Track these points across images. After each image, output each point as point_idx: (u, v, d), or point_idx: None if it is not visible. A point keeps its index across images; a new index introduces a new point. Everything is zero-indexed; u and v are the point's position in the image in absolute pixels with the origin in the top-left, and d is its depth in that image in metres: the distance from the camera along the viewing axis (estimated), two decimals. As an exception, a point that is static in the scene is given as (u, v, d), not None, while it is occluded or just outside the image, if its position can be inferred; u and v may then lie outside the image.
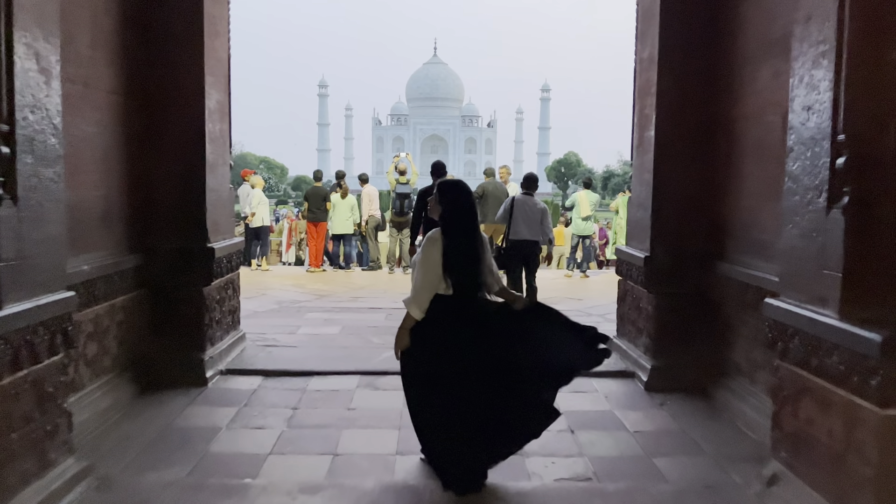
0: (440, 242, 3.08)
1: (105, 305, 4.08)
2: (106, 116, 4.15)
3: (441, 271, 3.05)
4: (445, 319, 3.11)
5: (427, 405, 3.20)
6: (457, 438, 3.10)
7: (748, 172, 4.21)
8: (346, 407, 4.26)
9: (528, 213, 7.01)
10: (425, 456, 3.38)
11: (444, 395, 3.09)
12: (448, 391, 3.08)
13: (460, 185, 3.29)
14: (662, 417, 4.15)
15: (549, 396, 3.28)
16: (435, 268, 3.05)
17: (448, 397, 3.09)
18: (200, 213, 4.72)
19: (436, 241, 3.08)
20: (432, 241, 3.09)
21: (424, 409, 3.23)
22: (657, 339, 4.75)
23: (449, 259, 3.06)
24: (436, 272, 3.05)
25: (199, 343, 4.72)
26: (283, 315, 7.25)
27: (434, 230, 3.15)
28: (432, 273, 3.06)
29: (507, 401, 3.13)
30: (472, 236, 3.16)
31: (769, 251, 3.90)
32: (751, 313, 4.05)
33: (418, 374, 3.20)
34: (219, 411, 4.15)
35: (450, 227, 3.12)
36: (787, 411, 2.94)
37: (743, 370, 4.14)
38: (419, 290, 3.08)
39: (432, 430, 3.24)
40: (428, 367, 3.13)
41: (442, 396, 3.10)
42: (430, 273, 3.06)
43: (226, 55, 5.18)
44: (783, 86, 3.76)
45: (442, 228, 3.13)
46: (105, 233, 4.13)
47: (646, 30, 4.95)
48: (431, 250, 3.07)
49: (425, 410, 3.22)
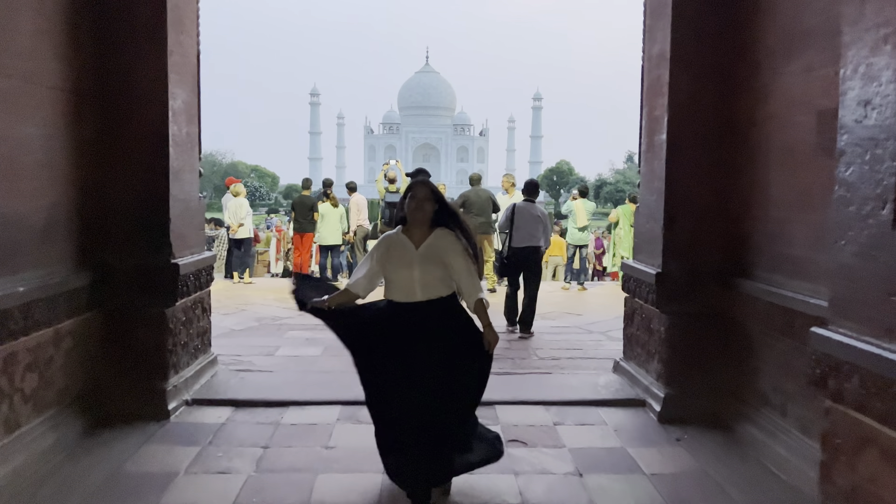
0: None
1: (48, 331, 3.57)
2: (51, 116, 3.67)
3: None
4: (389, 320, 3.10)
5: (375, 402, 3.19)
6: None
7: (774, 180, 3.76)
8: (324, 445, 3.77)
9: (530, 219, 6.86)
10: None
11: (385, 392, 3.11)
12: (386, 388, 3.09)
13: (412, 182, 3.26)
14: (680, 456, 3.68)
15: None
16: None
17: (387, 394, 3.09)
18: (163, 225, 4.23)
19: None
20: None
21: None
22: (670, 365, 4.29)
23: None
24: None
25: (161, 370, 4.22)
26: (262, 333, 6.75)
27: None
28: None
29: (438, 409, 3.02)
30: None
31: (801, 268, 3.45)
32: (779, 338, 3.60)
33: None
34: (178, 451, 3.65)
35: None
36: (841, 463, 2.47)
37: (771, 402, 3.68)
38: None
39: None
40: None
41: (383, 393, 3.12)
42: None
43: (194, 52, 4.70)
44: (818, 82, 3.34)
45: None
46: (48, 248, 3.64)
47: (655, 24, 4.52)
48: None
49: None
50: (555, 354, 5.93)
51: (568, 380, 5.07)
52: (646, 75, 4.74)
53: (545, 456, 3.65)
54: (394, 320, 3.07)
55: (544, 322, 7.40)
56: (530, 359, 5.79)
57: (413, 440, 2.98)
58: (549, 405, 4.41)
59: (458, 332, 3.09)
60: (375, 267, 3.14)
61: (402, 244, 3.09)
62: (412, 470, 3.02)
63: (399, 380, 3.03)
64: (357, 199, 11.78)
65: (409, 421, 2.99)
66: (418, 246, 3.06)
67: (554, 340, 6.57)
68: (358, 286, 3.16)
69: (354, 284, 3.17)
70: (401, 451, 3.05)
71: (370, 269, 3.15)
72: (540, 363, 5.63)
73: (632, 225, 11.44)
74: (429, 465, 3.00)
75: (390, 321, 3.08)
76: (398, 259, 3.07)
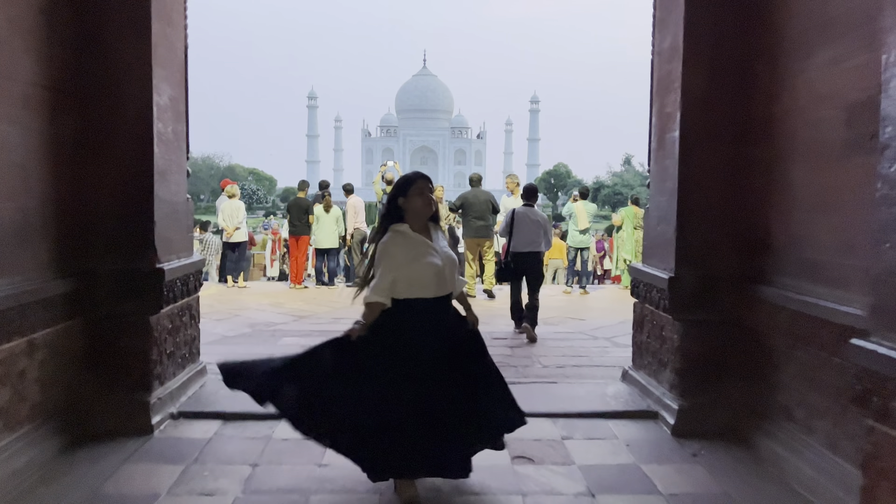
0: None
1: (21, 342, 3.33)
2: (25, 113, 3.42)
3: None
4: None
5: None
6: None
7: (796, 179, 3.54)
8: (317, 462, 3.52)
9: (530, 224, 6.78)
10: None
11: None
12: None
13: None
14: (698, 474, 3.44)
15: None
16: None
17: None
18: (147, 228, 3.99)
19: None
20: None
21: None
22: (684, 375, 4.06)
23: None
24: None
25: (145, 382, 3.97)
26: (255, 341, 6.50)
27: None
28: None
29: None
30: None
31: (828, 274, 3.22)
32: (803, 348, 3.37)
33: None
34: (161, 470, 3.40)
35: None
36: (885, 489, 2.24)
37: (794, 416, 3.45)
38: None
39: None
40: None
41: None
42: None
43: (181, 46, 4.47)
44: (846, 73, 3.11)
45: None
46: (22, 253, 3.39)
47: (666, 16, 4.29)
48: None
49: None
50: (559, 362, 5.70)
51: (575, 390, 4.83)
52: (655, 70, 4.51)
53: (554, 474, 3.41)
54: (415, 321, 2.99)
55: (547, 328, 7.17)
56: (534, 367, 5.55)
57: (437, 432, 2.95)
58: (557, 417, 4.18)
59: (462, 322, 3.19)
60: (398, 271, 2.96)
61: (416, 240, 3.03)
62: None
63: (431, 376, 2.97)
64: (354, 201, 11.55)
65: (437, 415, 2.94)
66: (430, 240, 3.07)
67: (558, 347, 6.34)
68: (385, 296, 2.98)
69: (381, 295, 2.97)
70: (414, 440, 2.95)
71: (392, 274, 2.96)
72: (544, 371, 5.39)
73: (635, 227, 11.29)
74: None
75: (408, 325, 2.98)
76: (422, 255, 2.99)
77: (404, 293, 2.98)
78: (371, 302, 2.96)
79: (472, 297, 9.49)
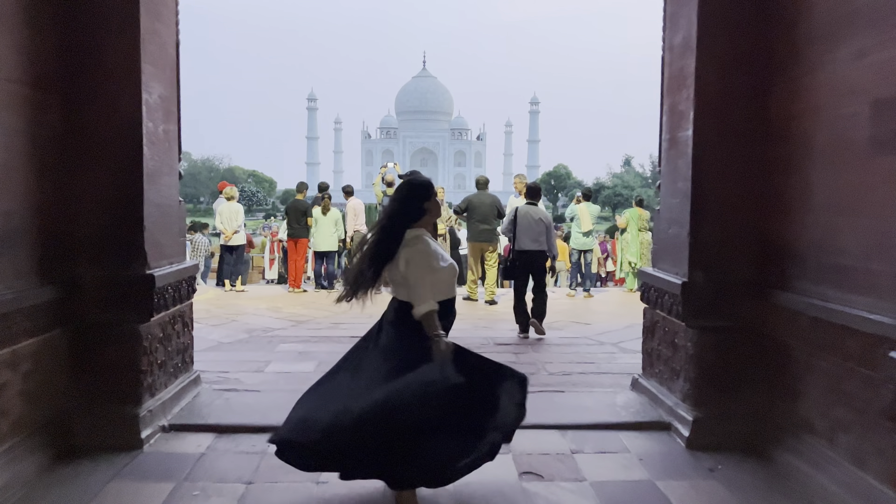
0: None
1: (3, 353, 3.15)
2: (6, 112, 3.25)
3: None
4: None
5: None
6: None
7: (817, 180, 3.36)
8: (315, 479, 3.34)
9: (533, 223, 6.84)
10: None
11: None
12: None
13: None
14: (717, 491, 3.26)
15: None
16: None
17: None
18: (136, 232, 3.82)
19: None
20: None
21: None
22: (699, 384, 3.88)
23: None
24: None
25: (134, 394, 3.80)
26: (252, 347, 6.32)
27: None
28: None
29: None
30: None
31: (854, 280, 3.05)
32: (826, 357, 3.19)
33: None
34: (149, 488, 3.22)
35: None
36: (929, 515, 2.07)
37: (817, 430, 3.27)
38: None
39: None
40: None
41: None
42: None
43: (172, 43, 4.30)
44: (872, 68, 2.94)
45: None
46: (4, 260, 3.21)
47: (678, 10, 4.12)
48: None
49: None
50: (565, 369, 5.52)
51: (583, 399, 4.65)
52: (667, 67, 4.34)
53: (564, 492, 3.23)
54: (448, 324, 3.03)
55: (552, 332, 6.99)
56: (539, 374, 5.37)
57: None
58: (565, 429, 4.00)
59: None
60: (434, 274, 2.92)
61: (435, 243, 3.06)
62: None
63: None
64: (354, 203, 11.38)
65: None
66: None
67: (563, 353, 6.16)
68: (435, 301, 2.90)
69: (433, 301, 2.88)
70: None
71: (431, 277, 2.90)
72: (550, 379, 5.21)
73: (640, 229, 11.11)
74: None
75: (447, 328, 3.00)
76: (444, 258, 3.02)
77: (440, 295, 2.94)
78: (431, 310, 2.85)
79: (475, 300, 9.33)
